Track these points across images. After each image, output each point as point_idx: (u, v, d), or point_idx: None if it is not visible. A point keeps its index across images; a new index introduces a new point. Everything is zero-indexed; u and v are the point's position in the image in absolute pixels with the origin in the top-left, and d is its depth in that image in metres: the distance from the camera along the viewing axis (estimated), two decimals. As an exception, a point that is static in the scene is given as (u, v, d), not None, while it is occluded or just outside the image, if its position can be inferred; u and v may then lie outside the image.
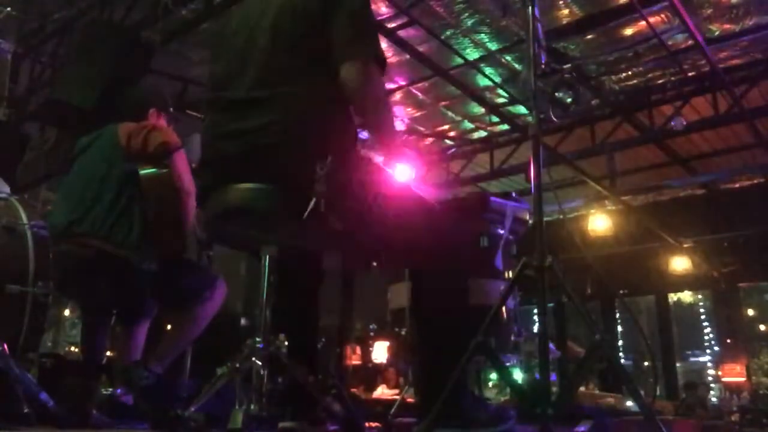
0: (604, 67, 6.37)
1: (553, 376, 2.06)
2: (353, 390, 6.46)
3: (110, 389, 2.55)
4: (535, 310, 1.94)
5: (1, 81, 5.95)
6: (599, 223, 9.36)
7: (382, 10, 5.53)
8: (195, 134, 2.86)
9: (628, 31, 5.76)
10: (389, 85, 6.71)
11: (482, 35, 5.89)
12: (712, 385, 12.01)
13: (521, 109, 7.17)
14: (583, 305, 1.90)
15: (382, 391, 7.18)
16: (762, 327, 13.73)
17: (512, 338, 2.88)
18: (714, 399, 10.86)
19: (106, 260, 2.44)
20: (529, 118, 1.96)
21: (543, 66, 2.00)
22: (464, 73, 6.55)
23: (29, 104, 6.05)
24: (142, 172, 2.58)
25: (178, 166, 2.59)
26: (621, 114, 7.07)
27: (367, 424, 2.28)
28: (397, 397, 3.69)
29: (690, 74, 6.43)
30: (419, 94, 7.04)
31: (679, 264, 10.10)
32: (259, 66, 1.84)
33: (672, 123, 6.67)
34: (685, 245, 9.93)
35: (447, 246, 1.93)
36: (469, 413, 1.85)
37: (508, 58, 6.26)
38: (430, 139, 8.22)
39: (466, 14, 5.60)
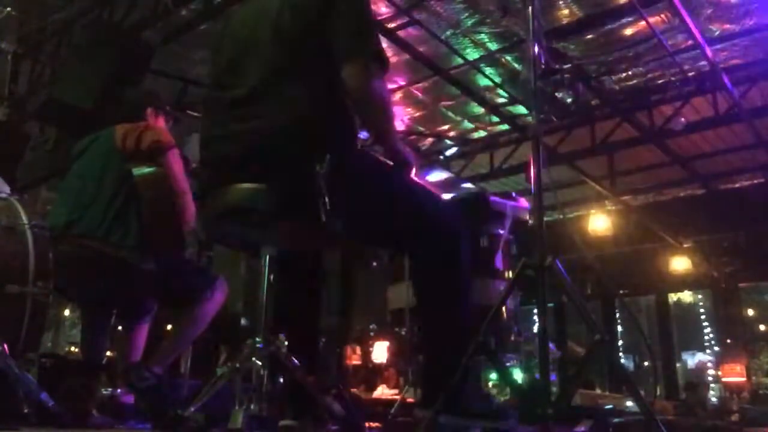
0: (604, 67, 6.36)
1: (553, 376, 2.06)
2: (353, 390, 6.45)
3: (110, 389, 2.55)
4: (535, 310, 1.94)
5: (1, 81, 5.93)
6: (599, 223, 9.35)
7: (382, 10, 5.53)
8: (195, 134, 2.87)
9: (628, 31, 5.75)
10: (389, 85, 6.70)
11: (482, 35, 5.88)
12: (712, 385, 12.01)
13: (521, 109, 7.16)
14: (583, 305, 1.90)
15: (382, 391, 7.16)
16: (762, 327, 13.74)
17: (512, 338, 2.89)
18: (714, 399, 10.85)
19: (105, 261, 2.45)
20: (529, 118, 1.96)
21: (543, 66, 2.00)
22: (464, 73, 6.54)
23: (29, 104, 6.05)
24: (136, 172, 2.58)
25: (172, 165, 2.61)
26: (621, 114, 7.06)
27: (367, 424, 2.28)
28: (397, 397, 3.70)
29: (690, 74, 6.42)
30: (419, 94, 7.03)
31: (679, 264, 10.11)
32: (259, 66, 1.83)
33: (672, 123, 6.67)
34: (685, 245, 9.94)
35: (450, 237, 1.90)
36: (473, 405, 1.83)
37: (508, 58, 6.25)
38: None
39: (466, 14, 5.60)
